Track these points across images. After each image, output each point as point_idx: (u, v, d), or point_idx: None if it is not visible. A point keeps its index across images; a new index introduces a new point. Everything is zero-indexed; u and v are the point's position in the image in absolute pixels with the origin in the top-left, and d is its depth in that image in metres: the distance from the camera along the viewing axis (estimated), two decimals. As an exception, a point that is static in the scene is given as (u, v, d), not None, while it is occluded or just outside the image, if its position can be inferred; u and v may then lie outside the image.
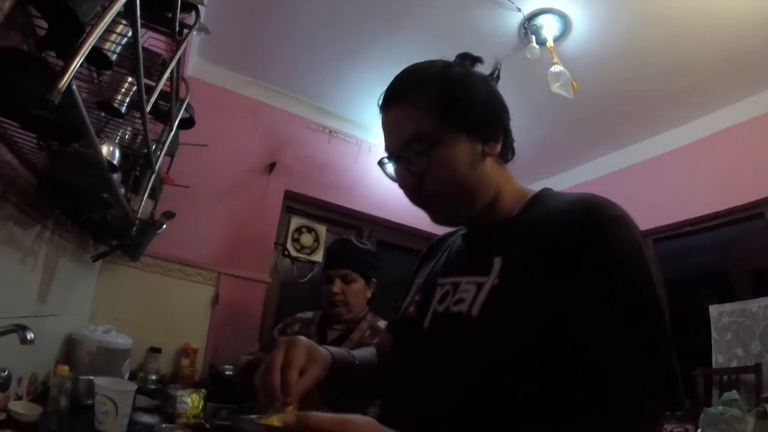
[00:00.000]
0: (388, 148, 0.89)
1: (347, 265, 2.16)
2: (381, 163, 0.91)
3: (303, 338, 0.82)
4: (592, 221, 0.72)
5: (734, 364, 2.69)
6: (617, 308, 0.65)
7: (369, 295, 2.23)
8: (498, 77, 0.93)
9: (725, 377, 2.65)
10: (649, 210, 3.29)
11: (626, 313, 0.65)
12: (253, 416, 1.24)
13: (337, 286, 2.13)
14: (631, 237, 0.71)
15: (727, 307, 2.85)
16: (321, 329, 2.16)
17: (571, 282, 0.68)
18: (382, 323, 2.13)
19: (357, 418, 0.61)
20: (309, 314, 2.28)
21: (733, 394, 2.34)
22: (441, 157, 0.82)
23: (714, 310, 2.92)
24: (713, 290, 4.28)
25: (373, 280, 2.26)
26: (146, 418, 1.84)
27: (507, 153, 0.92)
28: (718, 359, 2.79)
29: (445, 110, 0.82)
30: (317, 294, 2.30)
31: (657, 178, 3.44)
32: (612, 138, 3.60)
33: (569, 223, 0.73)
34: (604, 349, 0.64)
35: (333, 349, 0.90)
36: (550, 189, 0.90)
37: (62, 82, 0.64)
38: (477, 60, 0.93)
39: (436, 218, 0.90)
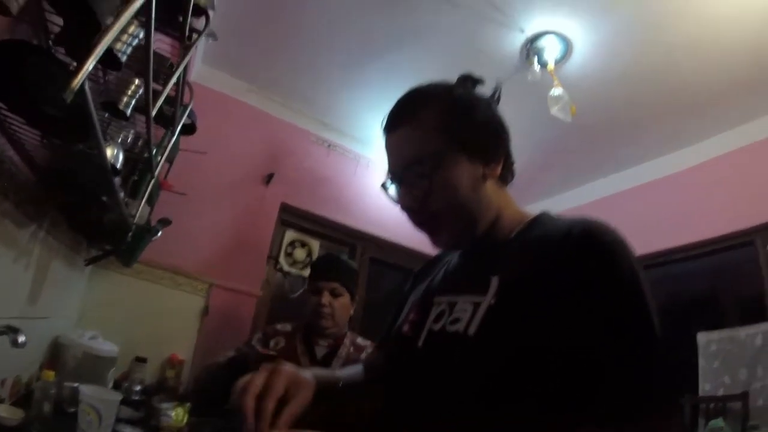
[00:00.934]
0: (390, 170, 0.90)
1: (337, 279, 2.16)
2: (383, 186, 0.91)
3: (287, 366, 0.79)
4: (589, 245, 0.72)
5: (721, 392, 2.67)
6: (613, 332, 0.65)
7: (351, 312, 2.24)
8: (499, 99, 0.94)
9: (712, 405, 2.64)
10: (641, 235, 3.22)
11: (622, 337, 0.65)
12: None
13: (326, 297, 2.11)
14: (628, 263, 0.71)
15: (716, 334, 2.85)
16: (308, 344, 2.12)
17: (567, 304, 0.67)
18: (361, 340, 2.17)
19: None
20: (288, 327, 2.23)
21: (719, 422, 2.33)
22: (443, 180, 0.82)
23: (702, 337, 2.92)
24: (702, 317, 4.31)
25: (355, 298, 2.27)
26: (129, 430, 1.80)
27: (507, 175, 0.92)
28: (705, 387, 2.78)
29: (448, 132, 0.83)
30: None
31: (650, 203, 3.46)
32: (608, 162, 3.63)
33: (567, 245, 0.73)
34: (599, 373, 0.64)
35: (317, 372, 0.88)
36: (549, 213, 0.90)
37: (76, 81, 0.63)
38: (478, 81, 0.94)
39: (438, 241, 0.90)
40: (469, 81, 0.93)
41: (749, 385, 2.54)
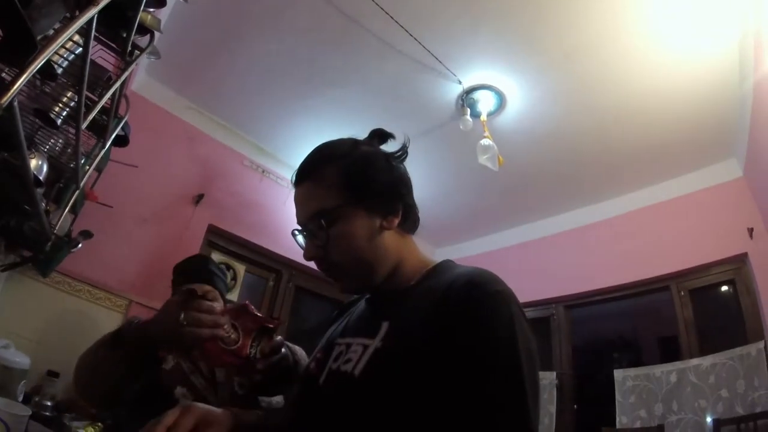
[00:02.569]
0: (297, 221, 0.97)
1: (209, 281, 1.84)
2: (293, 234, 0.99)
3: (199, 405, 0.83)
4: (470, 295, 0.77)
5: (638, 425, 2.86)
6: (480, 377, 0.70)
7: None
8: (405, 154, 1.01)
9: (629, 436, 2.81)
10: (563, 278, 3.55)
11: (488, 382, 0.70)
12: None
13: None
14: (505, 311, 0.76)
15: (632, 371, 3.04)
16: (192, 361, 1.66)
17: (444, 349, 0.73)
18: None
19: None
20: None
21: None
22: (340, 232, 0.90)
23: (618, 374, 3.10)
24: (623, 355, 4.56)
25: (227, 306, 1.94)
26: (37, 447, 1.71)
27: (410, 225, 0.99)
28: (622, 420, 2.95)
29: (347, 188, 0.91)
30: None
31: (573, 248, 3.69)
32: (533, 209, 3.85)
33: (450, 295, 0.80)
34: (465, 415, 0.69)
35: (240, 411, 0.92)
36: (451, 261, 0.98)
37: (5, 98, 0.65)
38: (388, 136, 1.02)
39: (340, 287, 0.98)
40: (377, 136, 1.01)
41: (665, 419, 2.73)
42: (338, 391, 0.84)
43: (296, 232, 0.98)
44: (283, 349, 1.25)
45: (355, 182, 0.91)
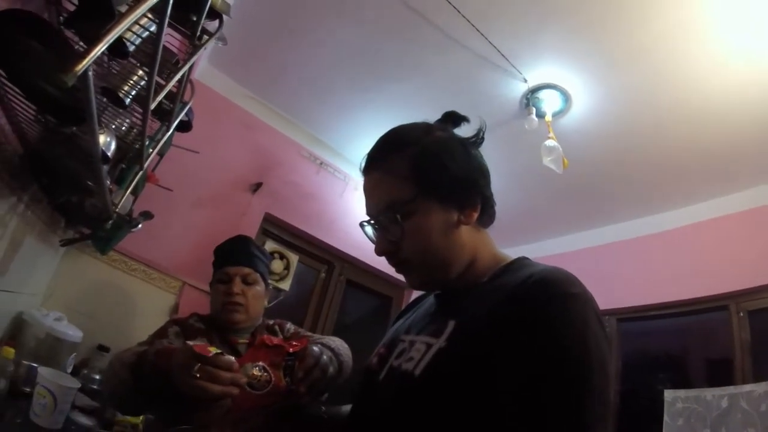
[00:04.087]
0: (367, 212, 0.91)
1: (249, 263, 1.85)
2: (362, 225, 0.93)
3: None
4: (539, 296, 0.71)
5: None
6: (539, 388, 0.64)
7: (266, 303, 1.92)
8: (482, 140, 0.93)
9: (676, 461, 2.66)
10: (618, 289, 3.38)
11: (547, 394, 0.64)
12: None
13: (237, 286, 1.78)
14: (578, 315, 0.69)
15: (682, 393, 2.87)
16: (229, 344, 1.71)
17: (507, 353, 0.68)
18: (270, 321, 1.89)
19: None
20: (201, 324, 1.81)
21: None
22: (415, 227, 0.84)
23: (669, 394, 2.93)
24: (669, 374, 4.35)
25: (270, 286, 1.98)
26: (83, 419, 1.75)
27: (486, 218, 0.92)
28: None
29: (421, 179, 0.84)
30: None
31: (630, 259, 3.52)
32: (593, 215, 3.70)
33: (520, 293, 0.74)
34: (527, 424, 0.63)
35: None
36: (527, 258, 0.90)
37: (80, 66, 0.63)
38: (462, 120, 0.94)
39: (411, 283, 0.92)
40: (451, 120, 0.94)
41: None
42: (397, 390, 0.80)
43: (365, 224, 0.92)
44: (322, 358, 1.18)
45: (431, 172, 0.84)
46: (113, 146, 1.25)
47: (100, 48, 0.63)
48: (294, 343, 1.13)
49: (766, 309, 2.81)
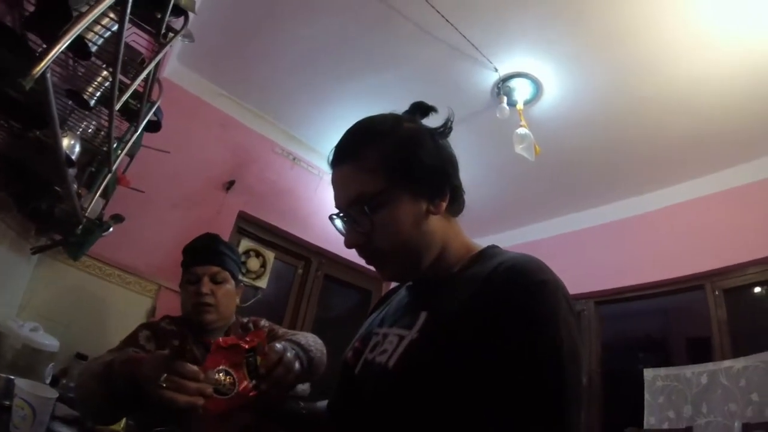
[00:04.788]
0: (336, 205, 0.90)
1: (217, 262, 1.80)
2: (331, 218, 0.92)
3: None
4: (512, 283, 0.72)
5: (665, 426, 2.77)
6: (514, 376, 0.65)
7: (238, 301, 1.88)
8: (450, 130, 0.93)
9: (657, 437, 2.73)
10: (595, 273, 3.43)
11: (522, 381, 0.65)
12: None
13: (207, 285, 1.73)
14: (548, 302, 0.70)
15: (662, 371, 2.94)
16: (203, 345, 1.70)
17: (479, 343, 0.68)
18: (244, 319, 1.88)
19: None
20: (173, 326, 1.78)
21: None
22: (385, 219, 0.83)
23: (649, 373, 3.00)
24: (651, 354, 4.45)
25: (241, 284, 1.93)
26: (64, 429, 1.71)
27: (456, 207, 0.92)
28: (650, 420, 2.87)
29: (390, 171, 0.83)
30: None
31: (606, 243, 3.58)
32: (569, 201, 3.75)
33: (491, 283, 0.74)
34: (494, 415, 0.65)
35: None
36: (497, 246, 0.91)
37: (37, 69, 0.62)
38: (430, 110, 0.94)
39: (383, 275, 0.93)
40: (419, 111, 0.93)
41: (693, 421, 2.64)
42: (372, 383, 0.81)
43: (335, 217, 0.90)
44: (286, 355, 1.12)
45: (400, 164, 0.84)
46: (78, 149, 1.22)
47: (58, 50, 0.62)
48: (247, 339, 1.10)
49: (741, 287, 2.90)
